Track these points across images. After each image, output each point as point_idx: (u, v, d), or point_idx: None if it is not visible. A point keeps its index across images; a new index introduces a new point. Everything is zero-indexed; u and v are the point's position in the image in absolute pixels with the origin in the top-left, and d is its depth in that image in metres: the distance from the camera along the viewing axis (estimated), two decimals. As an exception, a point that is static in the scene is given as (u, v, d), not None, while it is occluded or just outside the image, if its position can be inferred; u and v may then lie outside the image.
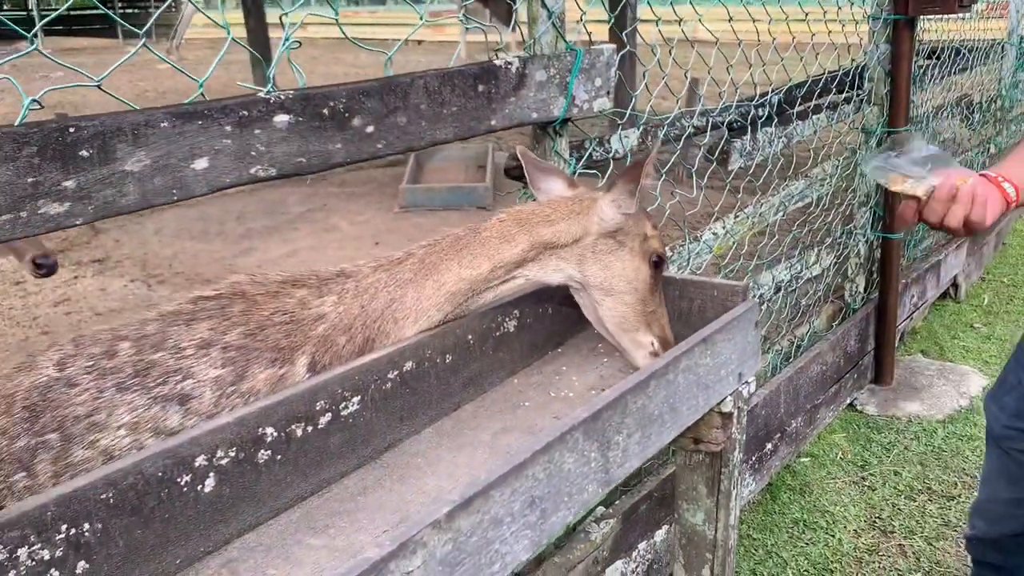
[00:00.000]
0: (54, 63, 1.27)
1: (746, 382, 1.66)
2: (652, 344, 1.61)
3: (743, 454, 2.76)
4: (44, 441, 1.38)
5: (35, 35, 1.17)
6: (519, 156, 1.62)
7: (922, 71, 4.16)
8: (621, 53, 1.81)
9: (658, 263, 1.59)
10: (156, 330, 1.42)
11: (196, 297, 1.50)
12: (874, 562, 2.59)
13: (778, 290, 3.11)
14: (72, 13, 26.41)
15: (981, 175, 1.51)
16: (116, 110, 1.09)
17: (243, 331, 1.40)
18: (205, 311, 1.45)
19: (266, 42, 11.60)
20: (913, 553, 2.62)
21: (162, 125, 1.10)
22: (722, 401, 1.61)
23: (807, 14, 2.83)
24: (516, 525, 1.13)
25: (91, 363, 1.41)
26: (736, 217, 2.67)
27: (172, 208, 7.49)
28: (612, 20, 2.74)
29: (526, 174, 1.64)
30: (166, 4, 1.57)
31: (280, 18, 1.34)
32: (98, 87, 1.11)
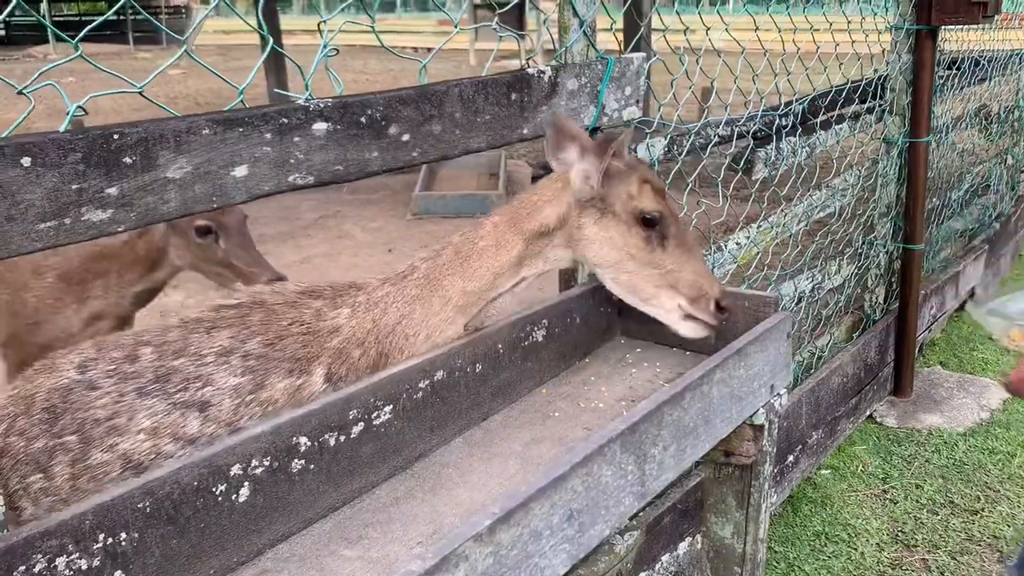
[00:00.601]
0: (66, 68, 1.28)
1: (778, 394, 1.64)
2: (680, 307, 1.55)
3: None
4: (63, 443, 1.38)
5: (77, 41, 1.17)
6: (553, 124, 1.57)
7: (942, 81, 4.14)
8: (650, 63, 1.79)
9: (650, 221, 1.52)
10: (178, 337, 1.43)
11: (218, 305, 1.51)
12: (897, 576, 2.56)
13: (799, 300, 3.09)
14: (84, 19, 26.55)
15: None
16: (155, 117, 1.09)
17: (262, 340, 1.41)
18: (226, 319, 1.46)
19: (281, 47, 11.63)
20: (937, 567, 2.59)
21: (204, 132, 1.09)
22: (755, 413, 1.59)
23: (831, 24, 2.81)
24: (555, 539, 1.11)
25: (113, 367, 1.42)
26: (760, 227, 2.66)
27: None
28: (641, 30, 2.73)
29: (547, 142, 1.59)
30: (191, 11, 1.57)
31: (318, 25, 1.33)
32: (140, 94, 1.10)
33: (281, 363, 1.40)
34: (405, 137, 1.35)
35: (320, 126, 1.22)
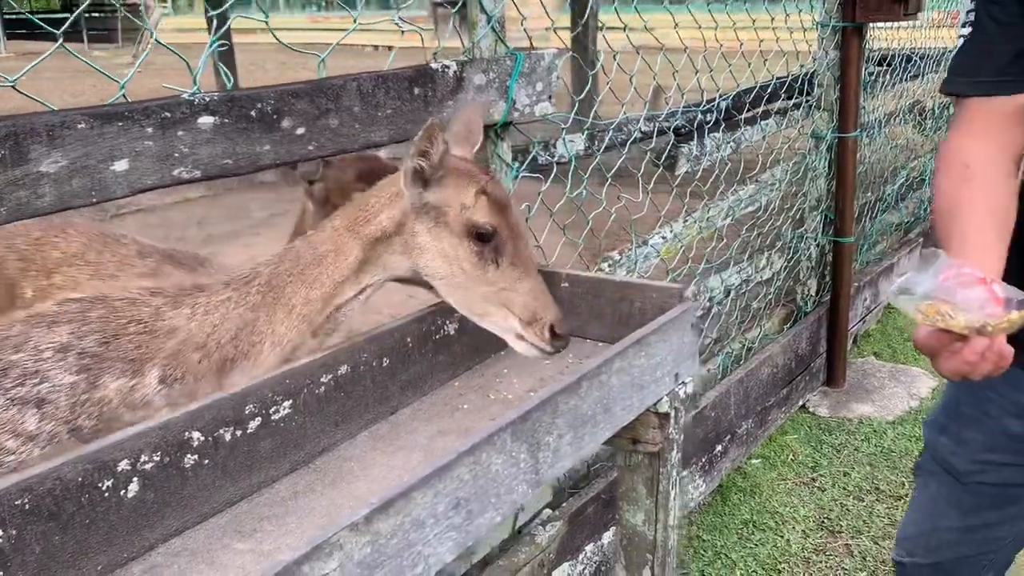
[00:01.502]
0: (19, 68, 1.26)
1: (683, 382, 1.68)
2: (517, 326, 1.49)
3: (694, 456, 2.79)
4: None
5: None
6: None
7: (873, 78, 4.24)
8: (562, 57, 1.81)
9: (483, 236, 1.44)
10: (20, 331, 1.39)
11: (63, 299, 1.47)
12: (821, 562, 2.62)
13: (728, 294, 3.14)
14: (38, 16, 26.01)
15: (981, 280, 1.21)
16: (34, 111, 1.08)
17: (99, 338, 1.38)
18: (68, 314, 1.42)
19: (230, 46, 11.56)
20: (859, 552, 2.66)
21: (79, 126, 1.09)
22: (658, 402, 1.62)
23: (754, 21, 2.87)
24: (440, 527, 1.13)
25: None
26: (685, 222, 2.70)
27: (133, 214, 7.42)
28: (579, 28, 2.76)
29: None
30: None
31: (207, 20, 1.33)
32: (13, 87, 1.10)
33: (115, 363, 1.38)
34: (300, 131, 1.35)
35: (206, 120, 1.22)
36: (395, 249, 1.49)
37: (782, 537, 2.73)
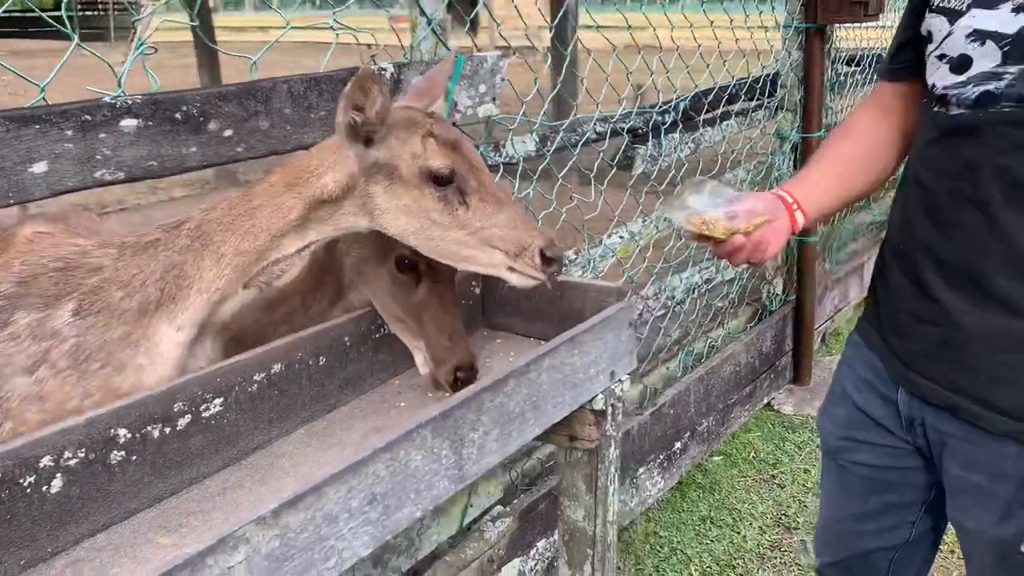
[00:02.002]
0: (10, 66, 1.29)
1: (619, 380, 1.70)
2: (506, 260, 1.44)
3: (652, 453, 2.82)
4: None
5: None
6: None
7: (842, 78, 4.27)
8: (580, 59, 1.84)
9: (441, 179, 1.39)
10: None
11: None
12: (776, 557, 2.65)
13: (692, 292, 3.17)
14: (27, 15, 25.94)
15: (778, 194, 1.54)
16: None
17: (16, 281, 1.34)
18: None
19: (214, 47, 11.51)
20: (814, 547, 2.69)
21: (-6, 129, 1.11)
22: (593, 399, 1.65)
23: (711, 22, 2.90)
24: (355, 521, 1.15)
25: None
26: (643, 221, 2.73)
27: (116, 213, 7.43)
28: (553, 29, 2.79)
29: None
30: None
31: (132, 23, 1.35)
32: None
33: (30, 298, 1.34)
34: (228, 133, 1.37)
35: (129, 123, 1.24)
36: (348, 211, 1.42)
37: (739, 533, 2.76)
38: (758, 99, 3.40)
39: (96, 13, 26.11)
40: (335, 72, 1.56)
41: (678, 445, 2.92)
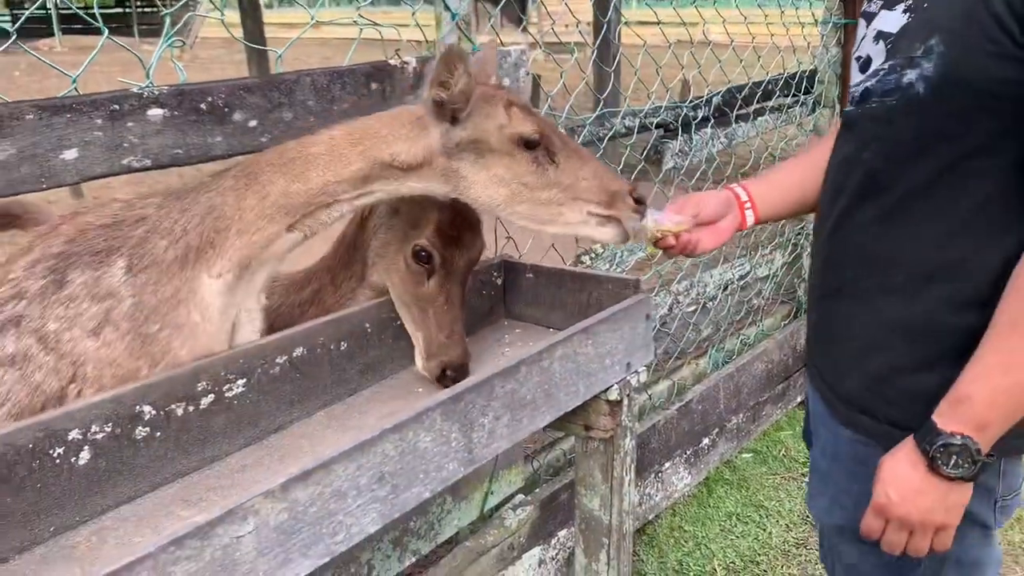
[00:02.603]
0: (72, 62, 1.33)
1: (635, 371, 1.72)
2: (591, 213, 1.47)
3: (679, 448, 2.83)
4: None
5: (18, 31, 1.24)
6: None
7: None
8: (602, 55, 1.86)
9: (530, 143, 1.42)
10: (1, 273, 1.39)
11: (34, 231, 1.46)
12: (801, 555, 2.64)
13: (723, 288, 3.17)
14: (89, 11, 26.61)
15: (734, 190, 1.69)
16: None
17: (64, 240, 1.34)
18: (40, 238, 1.40)
19: (263, 42, 11.72)
20: (841, 547, 2.67)
21: (27, 117, 1.17)
22: (608, 389, 1.67)
23: (745, 17, 2.89)
24: (363, 498, 1.19)
25: None
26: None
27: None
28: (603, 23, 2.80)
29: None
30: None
31: (161, 18, 1.40)
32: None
33: (81, 257, 1.33)
34: (252, 123, 1.42)
35: (155, 112, 1.30)
36: (421, 180, 1.43)
37: (764, 530, 2.75)
38: (794, 95, 3.38)
39: (155, 10, 26.73)
40: (357, 66, 1.60)
41: (706, 441, 2.92)
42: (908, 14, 1.33)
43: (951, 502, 1.29)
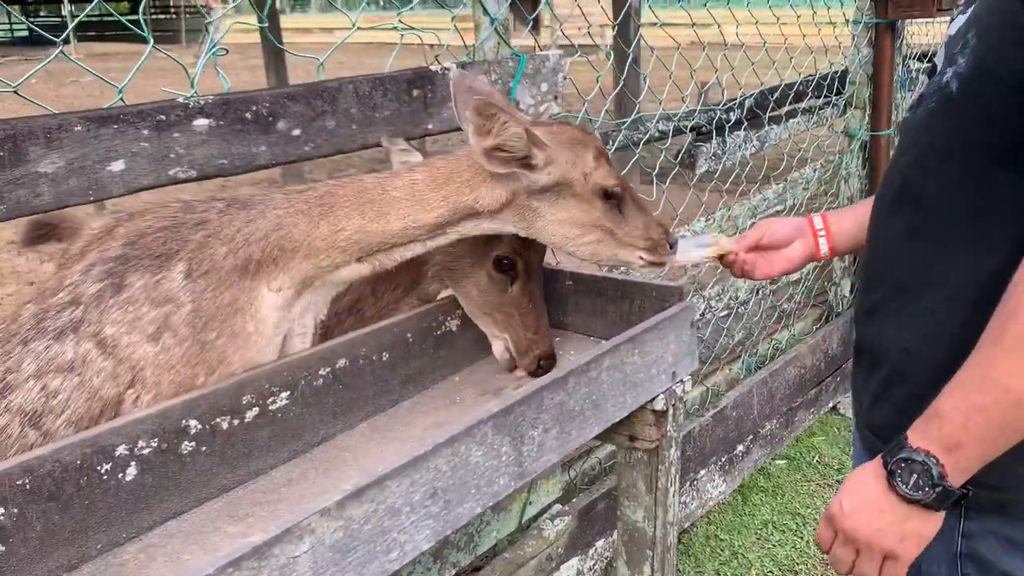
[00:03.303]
0: (83, 68, 1.32)
1: (680, 381, 1.69)
2: (641, 257, 1.57)
3: (714, 456, 2.79)
4: None
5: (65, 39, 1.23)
6: (452, 82, 1.51)
7: (913, 75, 4.16)
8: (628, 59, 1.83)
9: (608, 195, 1.50)
10: (55, 280, 1.36)
11: (89, 231, 1.43)
12: (840, 564, 2.60)
13: (755, 292, 3.13)
14: (105, 19, 26.88)
15: (810, 218, 1.65)
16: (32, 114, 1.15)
17: (122, 243, 1.32)
18: (96, 241, 1.37)
19: (280, 48, 11.74)
20: (881, 555, 2.63)
21: (76, 129, 1.15)
22: (654, 399, 1.64)
23: (778, 18, 2.85)
24: (416, 515, 1.17)
25: None
26: (706, 221, 2.70)
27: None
28: (616, 27, 2.78)
29: (454, 104, 1.53)
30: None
31: (205, 26, 1.39)
32: (15, 92, 1.17)
33: (140, 261, 1.31)
34: (296, 132, 1.40)
35: (201, 122, 1.28)
36: (502, 219, 1.47)
37: (802, 539, 2.71)
38: (826, 96, 3.33)
39: (169, 16, 26.89)
40: (399, 72, 1.58)
41: (740, 448, 2.88)
42: (967, 13, 1.28)
43: (907, 530, 1.15)
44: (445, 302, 1.72)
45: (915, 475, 1.12)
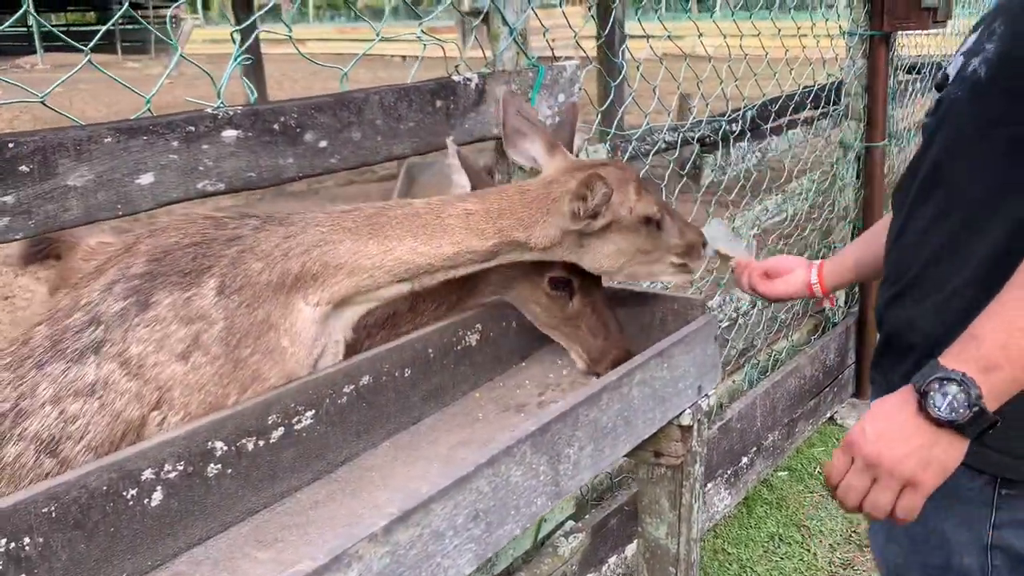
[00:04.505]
0: (55, 79, 1.26)
1: (706, 395, 1.67)
2: (672, 263, 1.61)
3: (720, 468, 2.77)
4: None
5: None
6: (502, 101, 1.56)
7: (902, 86, 4.19)
8: (578, 68, 1.81)
9: (650, 220, 1.54)
10: (69, 300, 1.30)
11: (108, 247, 1.38)
12: (848, 576, 2.59)
13: (755, 304, 3.12)
14: (72, 29, 26.59)
15: (810, 263, 1.84)
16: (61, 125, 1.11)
17: (146, 259, 1.27)
18: (115, 257, 1.32)
19: (259, 56, 11.67)
20: (888, 567, 2.62)
21: (105, 140, 1.11)
22: (680, 414, 1.61)
23: (780, 30, 2.85)
24: (459, 538, 1.13)
25: (8, 359, 1.31)
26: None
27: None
28: (602, 38, 2.76)
29: (503, 125, 1.56)
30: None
31: (231, 34, 1.35)
32: (43, 103, 1.12)
33: (168, 278, 1.26)
34: (323, 144, 1.37)
35: (230, 133, 1.24)
36: (552, 253, 1.50)
37: (808, 551, 2.70)
38: (823, 108, 3.35)
39: (137, 27, 26.66)
40: (422, 83, 1.55)
41: (744, 460, 2.86)
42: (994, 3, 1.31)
43: (933, 455, 1.09)
44: (464, 316, 1.69)
45: (950, 396, 1.07)
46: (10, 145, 1.04)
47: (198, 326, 1.27)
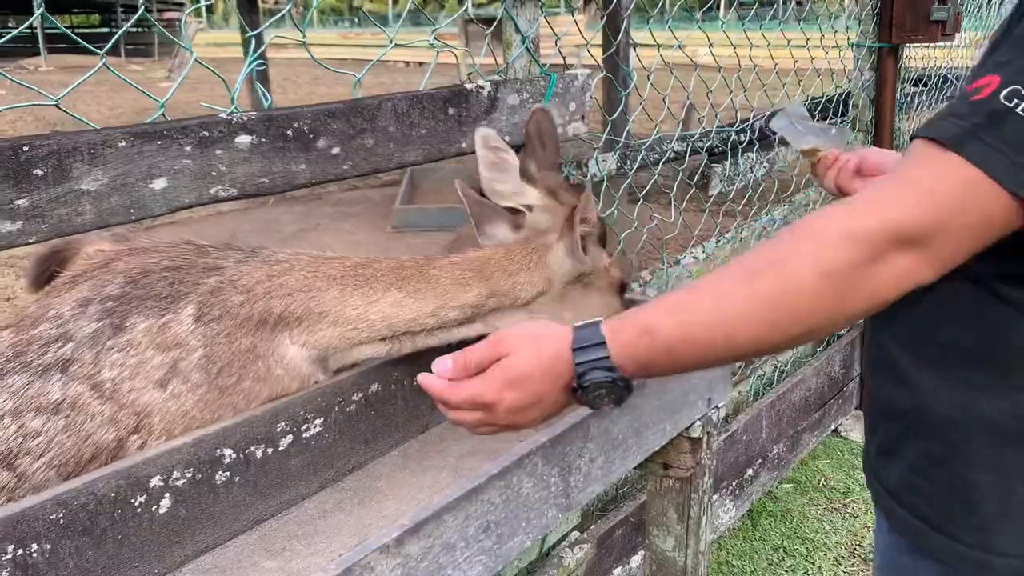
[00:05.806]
0: (59, 82, 1.24)
1: (716, 407, 1.66)
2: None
3: (725, 480, 2.76)
4: None
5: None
6: (459, 193, 1.49)
7: (909, 98, 4.19)
8: (633, 80, 1.81)
9: (622, 289, 1.57)
10: (37, 307, 1.27)
11: (85, 258, 1.35)
12: (854, 590, 2.57)
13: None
14: (76, 31, 26.65)
15: None
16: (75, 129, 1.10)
17: (123, 281, 1.25)
18: (90, 271, 1.29)
19: (265, 62, 11.71)
20: (893, 581, 2.60)
21: (120, 145, 1.10)
22: (691, 426, 1.60)
23: (789, 41, 2.85)
24: (470, 550, 1.12)
25: None
26: (717, 242, 2.68)
27: (167, 226, 7.53)
28: (613, 47, 2.76)
29: (469, 215, 1.53)
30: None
31: (244, 39, 1.34)
32: (56, 106, 1.11)
33: (144, 302, 1.24)
34: (335, 150, 1.36)
35: (243, 139, 1.23)
36: (534, 309, 1.47)
37: (813, 564, 2.68)
38: (831, 119, 3.34)
39: (141, 30, 26.70)
40: (435, 90, 1.54)
41: (749, 472, 2.85)
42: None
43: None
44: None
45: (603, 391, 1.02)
46: (25, 148, 1.03)
47: (175, 353, 1.25)
